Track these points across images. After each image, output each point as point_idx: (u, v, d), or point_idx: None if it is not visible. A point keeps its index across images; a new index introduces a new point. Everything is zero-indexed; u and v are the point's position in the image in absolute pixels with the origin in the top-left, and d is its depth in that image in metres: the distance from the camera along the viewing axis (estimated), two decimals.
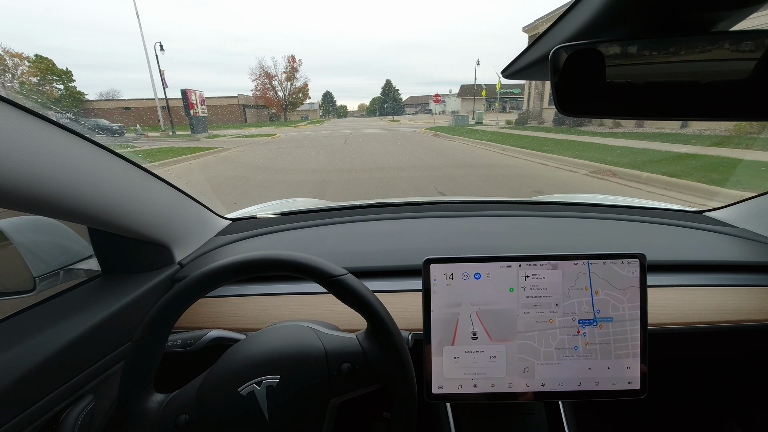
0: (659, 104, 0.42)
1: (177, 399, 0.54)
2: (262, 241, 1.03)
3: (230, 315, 0.79)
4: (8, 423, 0.51)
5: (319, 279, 0.53)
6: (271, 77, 50.00)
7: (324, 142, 15.15)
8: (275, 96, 50.87)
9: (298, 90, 53.07)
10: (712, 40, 0.38)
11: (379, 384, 0.54)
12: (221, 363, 0.55)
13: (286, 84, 51.60)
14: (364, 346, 0.54)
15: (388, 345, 0.53)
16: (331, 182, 6.19)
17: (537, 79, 0.56)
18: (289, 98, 51.97)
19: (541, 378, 0.65)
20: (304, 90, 54.22)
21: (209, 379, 0.54)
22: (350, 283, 0.53)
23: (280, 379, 0.52)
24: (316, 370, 0.53)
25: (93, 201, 0.61)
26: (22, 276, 0.72)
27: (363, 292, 0.53)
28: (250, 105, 46.33)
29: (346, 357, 0.54)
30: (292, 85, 52.21)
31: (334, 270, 0.53)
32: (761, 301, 0.78)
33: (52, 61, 33.59)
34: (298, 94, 53.28)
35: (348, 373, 0.53)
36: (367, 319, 0.54)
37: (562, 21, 0.41)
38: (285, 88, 51.72)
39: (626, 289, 0.64)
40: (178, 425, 0.51)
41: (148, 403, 0.52)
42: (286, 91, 51.71)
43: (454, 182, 5.86)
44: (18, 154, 0.48)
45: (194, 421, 0.51)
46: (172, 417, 0.51)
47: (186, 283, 0.52)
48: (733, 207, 1.11)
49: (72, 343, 0.60)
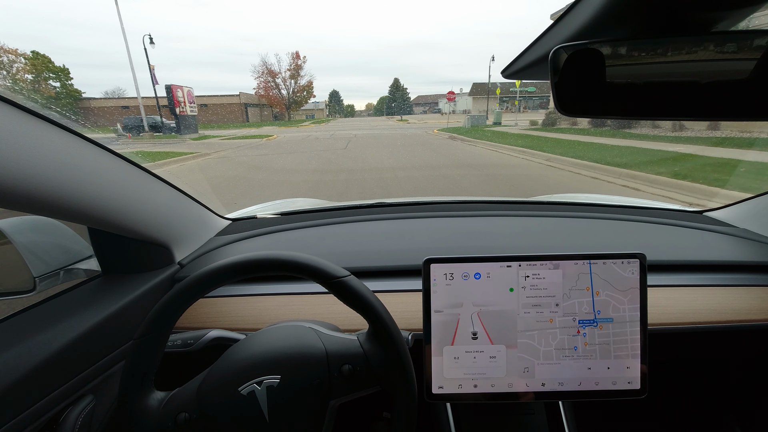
0: (659, 104, 0.42)
1: (177, 397, 0.54)
2: (262, 241, 1.03)
3: (230, 315, 0.79)
4: (8, 423, 0.51)
5: (321, 280, 0.53)
6: (274, 75, 48.21)
7: (321, 146, 12.69)
8: (278, 94, 49.06)
9: (302, 88, 51.06)
10: (712, 40, 0.38)
11: (380, 386, 0.54)
12: (222, 362, 0.55)
13: (289, 82, 49.76)
14: (365, 348, 0.54)
15: (389, 347, 0.53)
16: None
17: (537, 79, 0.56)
18: (293, 97, 50.07)
19: (541, 378, 0.65)
20: (309, 88, 52.06)
21: (210, 377, 0.54)
22: (352, 285, 0.53)
23: (281, 380, 0.52)
24: (316, 371, 0.53)
25: (93, 201, 0.61)
26: (22, 276, 0.71)
27: (365, 293, 0.53)
28: (253, 104, 44.74)
29: (347, 358, 0.54)
30: (297, 83, 50.28)
31: (337, 271, 0.53)
32: (761, 301, 0.78)
33: (48, 58, 32.61)
34: (302, 92, 51.30)
35: (349, 375, 0.53)
36: (368, 320, 0.54)
37: (562, 21, 0.41)
38: (289, 86, 49.79)
39: (627, 290, 0.64)
40: (178, 423, 0.51)
41: (148, 400, 0.52)
42: (290, 90, 49.89)
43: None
44: (18, 154, 0.48)
45: (194, 419, 0.51)
46: (172, 415, 0.51)
47: (188, 282, 0.52)
48: (732, 207, 1.11)
49: (72, 343, 0.60)
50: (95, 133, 0.73)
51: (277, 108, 49.19)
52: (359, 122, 44.61)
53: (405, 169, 7.19)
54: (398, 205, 1.23)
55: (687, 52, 0.39)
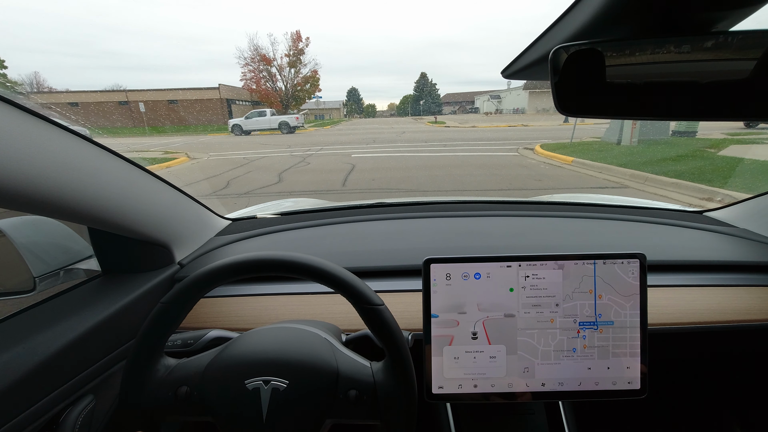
0: (659, 104, 0.42)
1: (183, 368, 0.54)
2: (262, 241, 1.03)
3: (230, 315, 0.80)
4: (8, 423, 0.51)
5: (356, 301, 0.53)
6: (268, 62, 34.94)
7: (264, 181, 6.12)
8: (273, 88, 35.94)
9: (305, 79, 37.05)
10: (712, 40, 0.38)
11: (379, 421, 0.53)
12: (235, 348, 0.55)
13: (288, 71, 36.02)
14: (377, 378, 0.54)
15: (402, 385, 0.53)
16: None
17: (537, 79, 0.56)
18: (293, 91, 36.64)
19: (541, 378, 0.65)
20: (314, 80, 37.63)
21: (220, 360, 0.54)
22: (386, 316, 0.53)
23: (288, 386, 0.52)
24: (324, 387, 0.52)
25: (93, 201, 0.61)
26: (22, 276, 0.72)
27: (394, 327, 0.53)
28: (240, 99, 34.17)
29: (357, 384, 0.53)
30: (297, 73, 36.58)
31: (373, 298, 0.53)
32: (761, 301, 0.78)
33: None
34: (304, 85, 37.19)
35: (354, 400, 0.52)
36: (388, 352, 0.53)
37: (562, 21, 0.41)
38: (287, 78, 36.26)
39: (630, 295, 0.64)
40: (178, 397, 0.51)
41: (156, 365, 0.53)
42: (288, 82, 36.38)
43: None
44: (18, 154, 0.48)
45: (194, 396, 0.51)
46: (173, 386, 0.52)
47: (232, 262, 0.52)
48: (733, 207, 1.11)
49: (72, 343, 0.60)
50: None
51: (275, 106, 34.58)
52: (378, 124, 34.56)
53: None
54: (398, 205, 1.23)
55: (687, 52, 0.39)
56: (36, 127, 0.52)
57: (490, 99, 28.76)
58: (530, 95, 38.24)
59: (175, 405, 0.52)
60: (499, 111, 43.20)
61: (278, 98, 35.73)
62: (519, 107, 40.83)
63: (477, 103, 61.77)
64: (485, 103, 42.84)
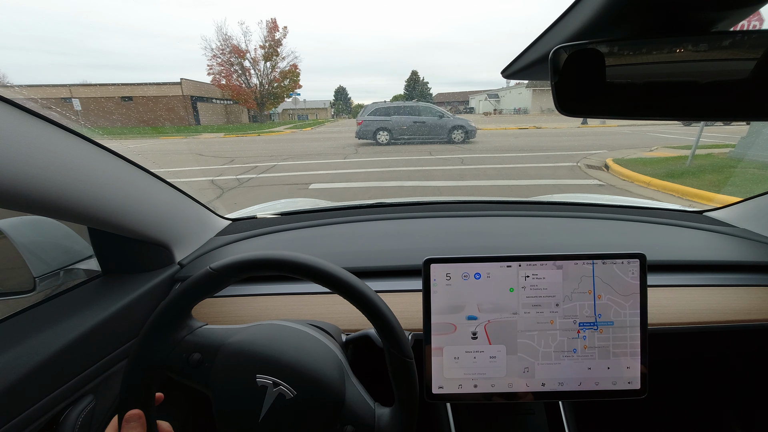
0: (659, 104, 0.42)
1: (205, 335, 0.53)
2: (262, 241, 1.03)
3: (230, 315, 0.79)
4: (8, 423, 0.51)
5: (391, 344, 0.52)
6: (241, 54, 29.71)
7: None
8: (246, 83, 30.66)
9: (283, 74, 31.86)
10: (712, 40, 0.38)
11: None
12: (260, 334, 0.54)
13: (264, 65, 30.79)
14: (380, 423, 0.52)
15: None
16: None
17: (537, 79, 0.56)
18: (269, 88, 31.52)
19: (541, 378, 0.65)
20: (293, 75, 32.34)
21: (242, 343, 0.53)
22: (412, 371, 0.52)
23: (294, 397, 0.51)
24: (325, 412, 0.51)
25: (93, 201, 0.61)
26: (22, 276, 0.72)
27: (416, 381, 0.53)
28: (207, 97, 28.96)
29: (357, 421, 0.52)
30: (274, 67, 31.39)
31: (408, 352, 0.52)
32: (761, 301, 0.78)
33: None
34: (282, 80, 31.96)
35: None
36: (400, 403, 0.53)
37: (562, 21, 0.41)
38: (262, 73, 30.99)
39: (629, 295, 0.64)
40: (190, 362, 0.51)
41: (182, 323, 0.52)
42: (264, 77, 31.12)
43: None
44: (18, 154, 0.48)
45: (205, 366, 0.51)
46: (189, 350, 0.51)
47: (269, 257, 0.52)
48: (733, 207, 1.11)
49: (72, 343, 0.60)
50: None
51: (249, 104, 31.01)
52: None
53: None
54: (398, 205, 1.23)
55: (687, 52, 0.39)
56: (36, 128, 0.52)
57: (487, 98, 26.77)
58: (533, 94, 35.04)
59: (182, 368, 0.51)
60: (498, 111, 40.92)
61: (252, 96, 30.81)
62: (521, 107, 37.67)
63: (472, 102, 58.42)
64: (482, 103, 40.45)
